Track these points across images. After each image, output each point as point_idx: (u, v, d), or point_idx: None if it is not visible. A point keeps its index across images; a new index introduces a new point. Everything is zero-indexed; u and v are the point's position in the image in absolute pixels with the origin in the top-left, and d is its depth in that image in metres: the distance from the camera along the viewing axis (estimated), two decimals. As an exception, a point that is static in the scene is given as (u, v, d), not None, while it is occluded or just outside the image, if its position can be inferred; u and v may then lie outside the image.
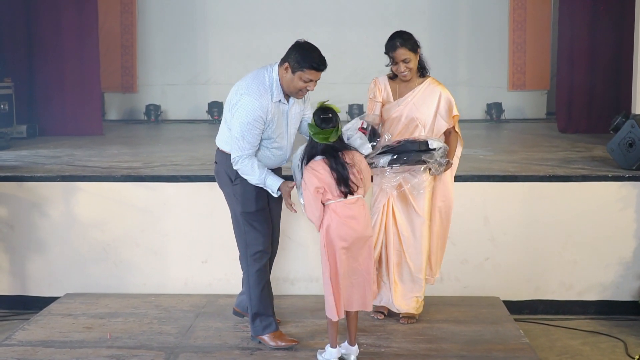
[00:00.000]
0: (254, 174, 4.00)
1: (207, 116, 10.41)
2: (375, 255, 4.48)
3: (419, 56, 4.40)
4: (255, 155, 4.05)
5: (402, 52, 4.32)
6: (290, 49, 3.97)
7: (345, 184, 3.84)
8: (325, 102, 3.93)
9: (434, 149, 4.25)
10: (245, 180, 4.08)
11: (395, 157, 4.21)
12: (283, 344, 4.19)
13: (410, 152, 4.22)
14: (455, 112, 4.42)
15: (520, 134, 8.77)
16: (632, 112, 6.53)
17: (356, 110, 10.05)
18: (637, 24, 6.66)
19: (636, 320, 5.17)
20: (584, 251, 5.25)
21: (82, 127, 8.60)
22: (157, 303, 5.03)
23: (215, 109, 10.29)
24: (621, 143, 5.57)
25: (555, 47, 9.64)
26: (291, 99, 4.11)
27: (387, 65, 4.45)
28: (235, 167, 4.04)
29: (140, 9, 10.78)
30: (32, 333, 4.47)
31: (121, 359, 4.06)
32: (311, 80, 3.94)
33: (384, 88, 4.48)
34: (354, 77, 10.52)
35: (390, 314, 4.65)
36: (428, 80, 4.46)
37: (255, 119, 3.95)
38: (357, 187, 3.89)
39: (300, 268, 5.24)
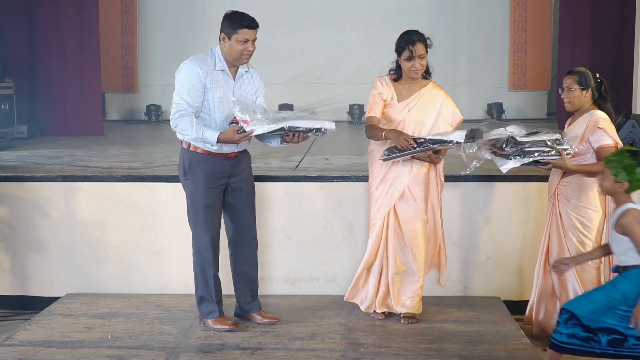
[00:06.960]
0: (192, 128, 4.10)
1: (207, 116, 10.42)
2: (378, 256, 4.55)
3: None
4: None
5: (421, 47, 4.35)
6: (221, 22, 4.21)
7: None
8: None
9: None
10: (196, 175, 4.26)
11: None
12: (222, 326, 4.38)
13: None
14: (460, 116, 4.51)
15: (521, 134, 8.74)
16: (633, 112, 6.52)
17: (357, 110, 10.04)
18: (638, 24, 6.66)
19: (637, 321, 5.15)
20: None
21: (83, 127, 8.61)
22: (157, 303, 5.03)
23: (216, 109, 10.29)
24: (622, 143, 5.55)
25: (556, 47, 9.65)
26: (239, 76, 4.27)
27: (392, 64, 4.47)
28: (173, 125, 4.18)
29: (141, 9, 10.79)
30: (33, 333, 4.47)
31: (122, 359, 4.07)
32: (247, 40, 4.13)
33: (389, 88, 4.48)
34: (354, 77, 10.53)
35: (391, 314, 4.65)
36: (430, 84, 4.50)
37: (192, 79, 4.14)
38: None
39: (300, 268, 5.24)
